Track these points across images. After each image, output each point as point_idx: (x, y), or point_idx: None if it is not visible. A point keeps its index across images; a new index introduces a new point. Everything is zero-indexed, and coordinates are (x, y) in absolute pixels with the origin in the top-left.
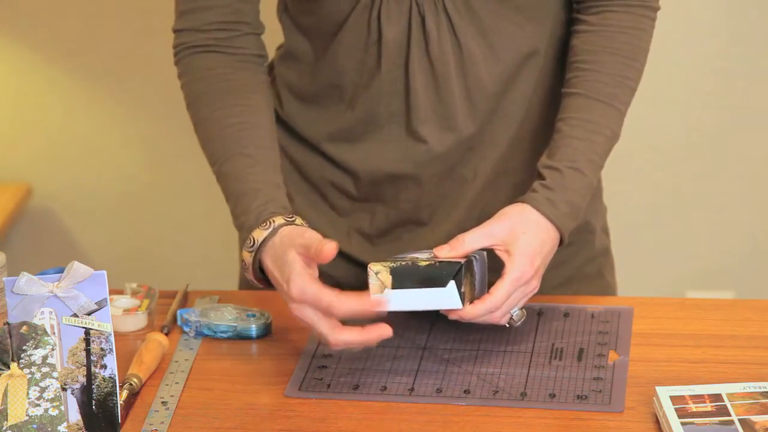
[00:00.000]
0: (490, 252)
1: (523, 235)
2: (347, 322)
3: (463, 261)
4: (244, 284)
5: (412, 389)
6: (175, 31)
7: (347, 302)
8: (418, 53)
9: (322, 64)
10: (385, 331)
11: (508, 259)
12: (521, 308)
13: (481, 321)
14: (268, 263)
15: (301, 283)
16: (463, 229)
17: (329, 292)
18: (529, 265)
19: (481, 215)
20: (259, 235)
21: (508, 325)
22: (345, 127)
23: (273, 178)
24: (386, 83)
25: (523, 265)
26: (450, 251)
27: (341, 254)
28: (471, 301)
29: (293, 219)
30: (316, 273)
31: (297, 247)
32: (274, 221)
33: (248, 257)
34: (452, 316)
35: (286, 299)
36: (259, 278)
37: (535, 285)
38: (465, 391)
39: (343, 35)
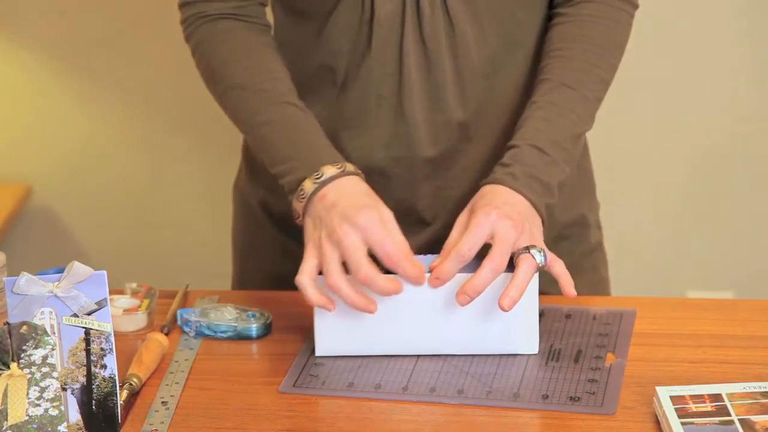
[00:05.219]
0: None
1: (483, 199)
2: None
3: None
4: (237, 284)
5: (406, 388)
6: (183, 4)
7: (379, 276)
8: (412, 31)
9: (316, 47)
10: (372, 307)
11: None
12: (539, 250)
13: (484, 276)
14: (332, 192)
15: (374, 218)
16: None
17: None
18: (490, 210)
19: None
20: (329, 170)
21: (540, 266)
22: (337, 111)
23: (315, 125)
24: (377, 64)
25: (483, 213)
26: (453, 263)
27: None
28: None
29: (343, 168)
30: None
31: (388, 224)
32: (347, 166)
33: (310, 186)
34: (432, 282)
35: (325, 226)
36: (297, 212)
37: (513, 222)
38: (458, 391)
39: (337, 15)
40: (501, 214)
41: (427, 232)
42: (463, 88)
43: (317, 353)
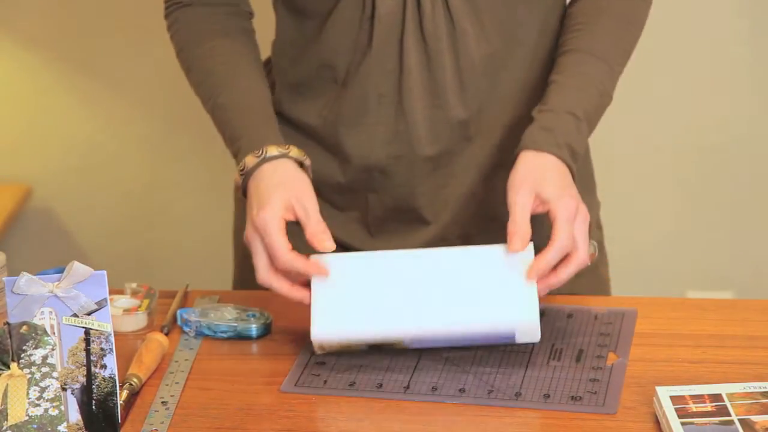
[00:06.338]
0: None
1: (545, 181)
2: None
3: None
4: (238, 284)
5: (408, 387)
6: None
7: (294, 259)
8: (413, 28)
9: (316, 46)
10: (304, 296)
11: (549, 206)
12: (591, 241)
13: (566, 272)
14: (252, 186)
15: (269, 218)
16: (461, 221)
17: (284, 243)
18: (568, 199)
19: (478, 208)
20: (251, 161)
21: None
22: (337, 109)
23: (268, 109)
24: (378, 61)
25: (565, 203)
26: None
27: (342, 246)
28: None
29: (287, 150)
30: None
31: (294, 198)
32: (266, 150)
33: (239, 180)
34: (531, 275)
35: (248, 220)
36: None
37: (584, 209)
38: (460, 390)
39: (338, 12)
40: (577, 202)
41: (427, 230)
42: (463, 86)
43: (313, 336)
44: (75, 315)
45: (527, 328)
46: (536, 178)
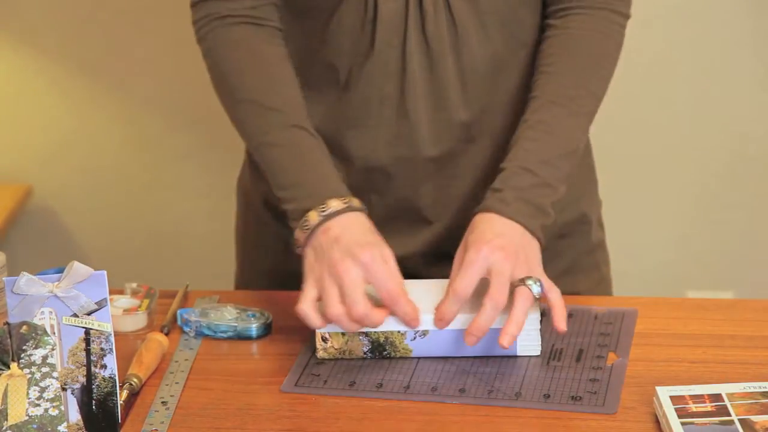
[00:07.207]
0: None
1: (473, 234)
2: None
3: None
4: (241, 284)
5: (408, 387)
6: (195, 4)
7: (374, 312)
8: (415, 30)
9: (318, 47)
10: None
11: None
12: (535, 280)
13: (487, 314)
14: (336, 227)
15: (375, 259)
16: (463, 222)
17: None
18: (481, 246)
19: None
20: (335, 204)
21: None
22: (339, 110)
23: (327, 153)
24: (380, 63)
25: (475, 250)
26: (452, 303)
27: None
28: None
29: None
30: None
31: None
32: (353, 201)
33: (315, 218)
34: (437, 324)
35: (327, 259)
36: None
37: (506, 254)
38: (460, 390)
39: (340, 14)
40: (493, 248)
41: (429, 231)
42: (466, 87)
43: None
44: (75, 315)
45: (529, 351)
46: (468, 234)
